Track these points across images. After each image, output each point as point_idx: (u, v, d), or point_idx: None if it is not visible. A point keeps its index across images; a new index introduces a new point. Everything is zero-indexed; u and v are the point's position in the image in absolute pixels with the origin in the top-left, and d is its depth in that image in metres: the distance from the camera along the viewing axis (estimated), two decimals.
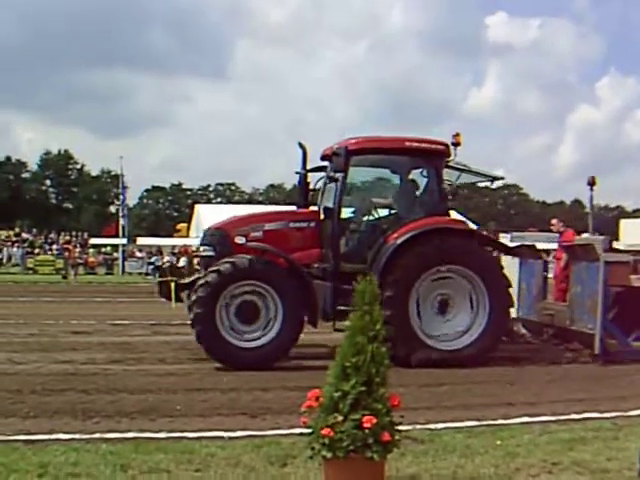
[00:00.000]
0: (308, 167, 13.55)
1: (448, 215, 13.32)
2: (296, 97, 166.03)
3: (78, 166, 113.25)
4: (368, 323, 5.44)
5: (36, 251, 58.37)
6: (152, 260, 49.73)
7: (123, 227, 53.78)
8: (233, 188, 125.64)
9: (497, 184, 15.74)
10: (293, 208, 14.10)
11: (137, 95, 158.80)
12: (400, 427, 5.45)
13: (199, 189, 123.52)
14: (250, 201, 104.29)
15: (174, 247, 55.76)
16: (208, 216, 63.49)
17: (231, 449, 6.85)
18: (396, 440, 5.37)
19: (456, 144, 13.14)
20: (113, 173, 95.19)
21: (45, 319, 18.37)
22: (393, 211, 13.46)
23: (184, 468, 6.27)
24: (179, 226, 69.92)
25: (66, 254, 50.85)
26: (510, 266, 14.45)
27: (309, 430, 5.44)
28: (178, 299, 12.73)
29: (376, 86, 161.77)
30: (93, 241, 64.57)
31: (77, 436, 7.35)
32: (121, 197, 47.83)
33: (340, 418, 5.23)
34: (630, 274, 13.79)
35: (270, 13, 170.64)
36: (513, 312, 13.77)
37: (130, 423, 8.02)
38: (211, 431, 7.58)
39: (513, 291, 13.31)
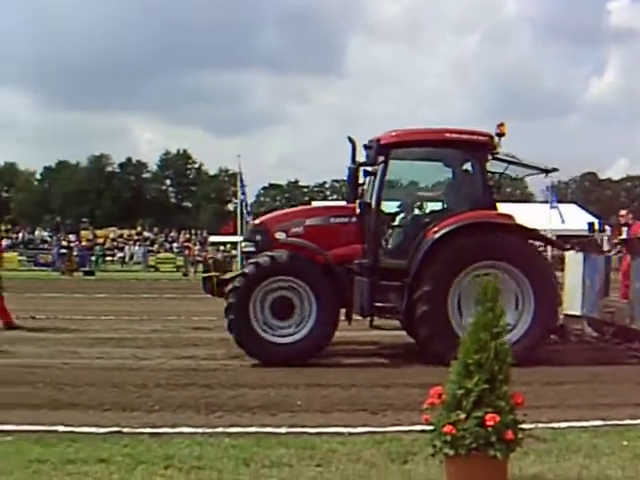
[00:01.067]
0: (358, 162, 12.93)
1: (494, 208, 12.62)
2: (411, 92, 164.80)
3: (196, 165, 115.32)
4: (491, 319, 5.35)
5: (157, 249, 59.82)
6: None
7: (242, 224, 54.42)
8: None
9: (555, 175, 14.50)
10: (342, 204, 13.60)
11: (253, 94, 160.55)
12: (523, 425, 5.35)
13: (315, 186, 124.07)
14: None
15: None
16: None
17: (352, 445, 6.85)
18: (519, 439, 5.28)
19: (500, 134, 12.55)
20: (231, 172, 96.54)
21: (167, 315, 18.83)
22: (437, 205, 13.15)
23: (305, 463, 6.30)
24: None
25: (186, 252, 51.97)
26: (575, 262, 13.92)
27: (431, 427, 5.40)
28: (220, 294, 12.66)
29: (490, 78, 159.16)
30: (212, 239, 65.66)
31: (200, 430, 7.49)
32: (240, 195, 48.11)
33: (462, 416, 5.17)
34: None
35: (383, 8, 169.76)
36: (577, 310, 13.35)
37: (252, 418, 8.14)
38: (332, 427, 7.61)
39: (575, 288, 12.99)
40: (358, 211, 12.48)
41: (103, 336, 13.05)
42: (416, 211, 13.19)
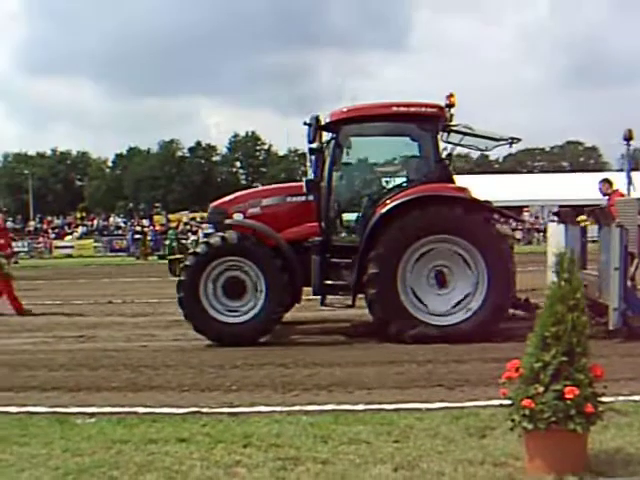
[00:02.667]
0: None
1: (449, 181, 12.28)
2: (478, 64, 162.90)
3: (266, 146, 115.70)
4: (568, 292, 5.25)
5: None
6: None
7: None
8: None
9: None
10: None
11: (320, 72, 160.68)
12: (603, 398, 5.28)
13: (385, 162, 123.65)
14: None
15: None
16: None
17: (429, 420, 6.84)
18: (599, 412, 5.22)
19: (450, 105, 12.31)
20: (300, 151, 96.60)
21: None
22: (390, 180, 12.84)
23: (383, 439, 6.31)
24: None
25: None
26: (556, 233, 13.41)
27: (509, 401, 5.37)
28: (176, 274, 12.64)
29: (561, 45, 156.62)
30: None
31: (278, 408, 7.57)
32: (311, 175, 48.38)
33: (541, 389, 5.13)
34: None
35: None
36: None
37: (328, 395, 8.20)
38: (408, 403, 7.62)
39: None
40: (304, 190, 12.48)
41: (179, 318, 13.15)
42: (368, 187, 12.87)
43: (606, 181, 15.92)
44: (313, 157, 12.75)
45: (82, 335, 13.24)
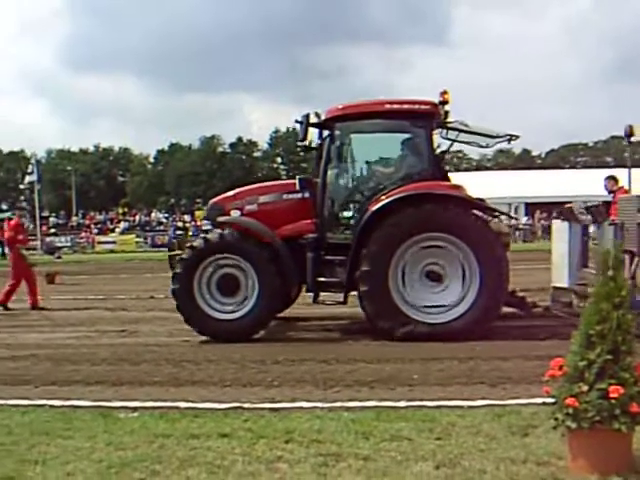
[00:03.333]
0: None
1: (443, 179, 12.31)
2: (520, 58, 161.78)
3: (306, 142, 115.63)
4: (613, 289, 5.19)
5: None
6: None
7: None
8: (460, 155, 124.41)
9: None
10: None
11: (360, 68, 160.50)
12: None
13: None
14: (478, 168, 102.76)
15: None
16: None
17: (471, 418, 6.82)
18: None
19: (444, 102, 12.26)
20: None
21: None
22: (384, 178, 12.71)
23: (425, 436, 6.30)
24: None
25: None
26: (560, 231, 13.10)
27: (552, 400, 5.32)
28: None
29: (604, 39, 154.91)
30: None
31: (319, 404, 7.58)
32: None
33: (585, 388, 5.08)
34: None
35: None
36: (564, 282, 12.62)
37: (370, 392, 8.19)
38: (450, 400, 7.59)
39: (561, 258, 12.43)
40: (297, 187, 12.60)
41: None
42: (362, 184, 12.82)
43: (611, 178, 15.73)
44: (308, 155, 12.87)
45: (124, 330, 13.37)
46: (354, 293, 11.98)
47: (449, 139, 13.02)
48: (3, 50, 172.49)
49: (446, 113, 12.43)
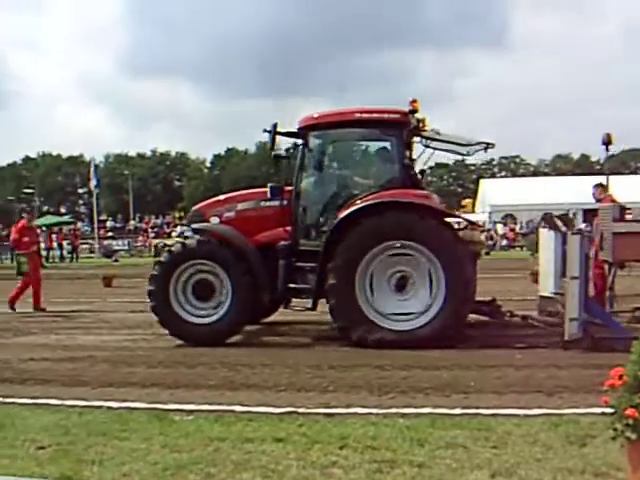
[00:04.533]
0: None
1: (414, 187, 12.23)
2: (580, 61, 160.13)
3: (363, 147, 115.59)
4: None
5: None
6: None
7: None
8: (518, 161, 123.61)
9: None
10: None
11: (416, 72, 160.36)
12: None
13: (483, 164, 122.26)
14: (535, 173, 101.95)
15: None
16: (493, 191, 63.18)
17: (528, 427, 6.73)
18: None
19: (413, 111, 12.21)
20: None
21: None
22: (355, 186, 12.79)
23: (481, 445, 6.24)
24: (464, 202, 69.42)
25: None
26: (546, 240, 12.81)
27: (611, 410, 5.23)
28: None
29: None
30: None
31: (374, 410, 7.54)
32: None
33: None
34: None
35: None
36: (548, 290, 12.36)
37: (425, 399, 8.13)
38: (506, 408, 7.51)
39: (546, 267, 12.20)
40: (269, 195, 12.79)
41: (276, 319, 13.28)
42: (333, 192, 12.85)
43: (600, 186, 15.52)
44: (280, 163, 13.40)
45: None
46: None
47: (430, 147, 13.08)
48: (64, 58, 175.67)
49: (420, 121, 12.53)
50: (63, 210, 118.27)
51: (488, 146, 13.20)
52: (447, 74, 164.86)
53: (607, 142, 13.54)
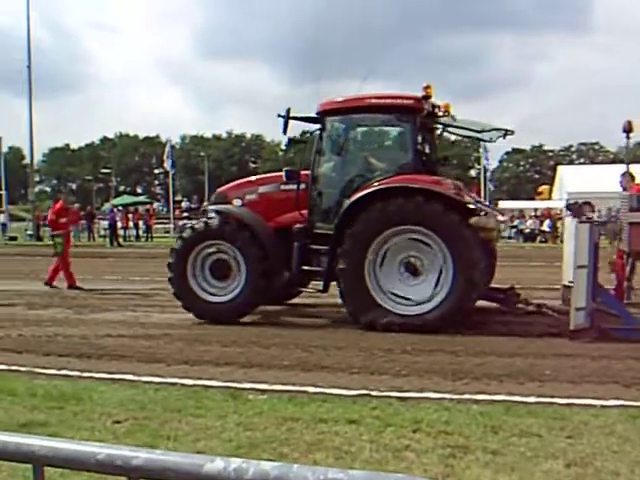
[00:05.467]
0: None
1: (428, 172, 12.33)
2: None
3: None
4: None
5: None
6: (515, 224, 49.31)
7: (485, 191, 53.78)
8: (597, 147, 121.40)
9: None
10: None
11: (492, 56, 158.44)
12: None
13: (561, 150, 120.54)
14: (614, 160, 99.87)
15: (536, 210, 54.59)
16: (571, 178, 62.17)
17: (604, 418, 6.63)
18: None
19: (427, 97, 12.26)
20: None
21: None
22: (369, 170, 12.91)
23: (555, 434, 6.17)
24: (541, 188, 68.57)
25: None
26: (570, 229, 12.41)
27: None
28: None
29: None
30: None
31: (447, 396, 7.53)
32: (484, 161, 47.65)
33: None
34: None
35: None
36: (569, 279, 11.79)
37: (499, 386, 8.07)
38: (582, 398, 7.40)
39: (568, 256, 11.74)
40: (284, 178, 13.11)
41: None
42: (348, 177, 12.93)
43: (627, 174, 15.10)
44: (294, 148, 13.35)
45: (254, 313, 13.56)
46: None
47: (453, 133, 13.58)
48: (141, 41, 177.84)
49: (437, 107, 12.68)
50: (139, 190, 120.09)
51: (507, 133, 13.34)
52: (524, 58, 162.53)
53: (628, 130, 13.23)
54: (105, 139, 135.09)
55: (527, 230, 49.40)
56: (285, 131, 13.17)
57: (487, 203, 13.56)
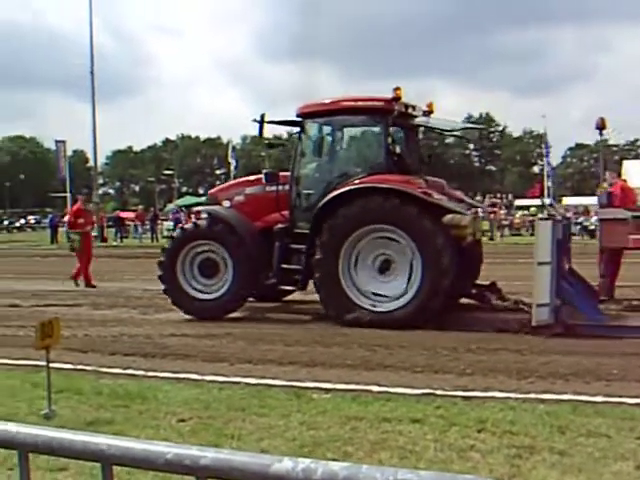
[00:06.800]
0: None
1: (400, 172, 12.60)
2: None
3: (500, 128, 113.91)
4: None
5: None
6: (579, 220, 48.61)
7: (548, 187, 53.17)
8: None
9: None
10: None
11: (555, 50, 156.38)
12: None
13: (626, 144, 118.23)
14: None
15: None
16: (637, 172, 61.04)
17: None
18: None
19: (397, 98, 12.57)
20: (535, 133, 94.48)
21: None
22: (343, 171, 13.23)
23: (624, 435, 6.05)
24: (605, 184, 67.43)
25: (491, 215, 51.63)
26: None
27: None
28: None
29: None
30: (518, 202, 64.83)
31: (512, 395, 7.45)
32: (545, 158, 47.14)
33: None
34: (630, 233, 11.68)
35: None
36: None
37: (565, 385, 7.97)
38: None
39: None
40: (264, 181, 13.66)
41: None
42: (324, 178, 13.27)
43: (612, 171, 14.83)
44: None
45: (316, 313, 13.57)
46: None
47: (440, 131, 14.40)
48: (202, 42, 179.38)
49: (410, 107, 13.11)
50: (201, 191, 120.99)
51: (481, 130, 13.66)
52: (587, 50, 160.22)
53: (601, 127, 13.18)
54: (167, 141, 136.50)
55: (592, 227, 48.64)
56: (261, 134, 13.76)
57: (472, 201, 13.83)
